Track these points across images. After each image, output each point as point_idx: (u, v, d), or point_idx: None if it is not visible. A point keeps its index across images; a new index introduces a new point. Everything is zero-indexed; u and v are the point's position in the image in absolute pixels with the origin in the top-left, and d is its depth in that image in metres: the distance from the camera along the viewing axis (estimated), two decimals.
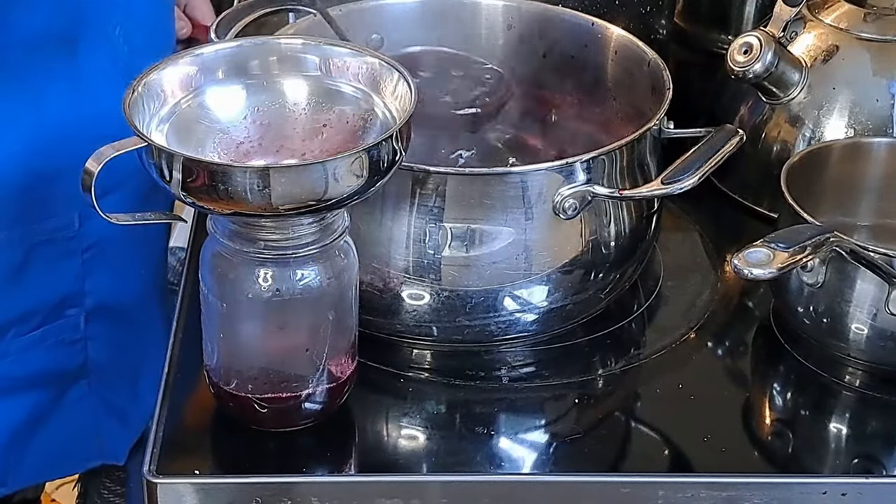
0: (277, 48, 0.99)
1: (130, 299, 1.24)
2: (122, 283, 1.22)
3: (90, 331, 1.21)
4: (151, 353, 1.25)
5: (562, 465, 1.00)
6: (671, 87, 1.09)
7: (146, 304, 1.27)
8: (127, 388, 1.26)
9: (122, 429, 1.27)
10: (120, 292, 1.22)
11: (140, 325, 1.26)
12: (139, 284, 1.25)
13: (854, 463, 1.01)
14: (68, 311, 1.19)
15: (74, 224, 1.16)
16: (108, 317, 1.22)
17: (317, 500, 0.94)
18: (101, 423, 1.25)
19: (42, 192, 1.12)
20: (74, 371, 1.21)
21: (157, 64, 0.95)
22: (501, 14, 1.23)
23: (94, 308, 1.20)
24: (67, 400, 1.22)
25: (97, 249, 1.18)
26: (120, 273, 1.21)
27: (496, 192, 1.01)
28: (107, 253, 1.19)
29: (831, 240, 0.99)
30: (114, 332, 1.23)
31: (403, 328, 1.06)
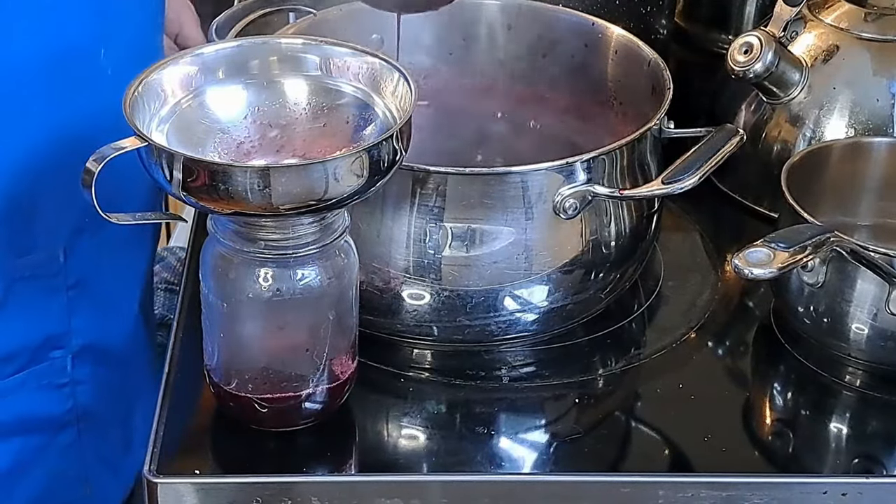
0: (278, 48, 0.99)
1: (119, 340, 1.17)
2: (110, 323, 1.15)
3: (77, 374, 1.14)
4: (143, 399, 1.19)
5: (562, 464, 1.00)
6: (671, 86, 1.09)
7: (136, 344, 1.20)
8: (118, 435, 1.20)
9: (112, 479, 1.20)
10: (108, 332, 1.15)
11: (130, 368, 1.19)
12: (128, 323, 1.18)
13: (854, 463, 1.01)
14: (53, 353, 1.12)
15: (59, 259, 1.09)
16: (96, 359, 1.14)
17: (317, 499, 0.94)
18: (90, 472, 1.18)
19: (23, 225, 1.06)
20: (62, 416, 1.14)
21: (158, 64, 0.95)
22: (501, 14, 1.23)
23: (81, 349, 1.13)
24: (55, 447, 1.15)
25: (83, 286, 1.11)
26: (107, 311, 1.14)
27: (496, 191, 1.01)
28: (93, 290, 1.12)
29: (832, 240, 0.99)
30: (103, 375, 1.16)
31: (404, 328, 1.06)
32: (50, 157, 1.04)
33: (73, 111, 1.04)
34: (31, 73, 1.02)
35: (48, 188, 1.04)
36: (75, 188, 1.02)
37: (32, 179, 1.04)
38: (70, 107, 1.04)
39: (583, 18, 1.20)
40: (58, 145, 1.04)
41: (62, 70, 1.03)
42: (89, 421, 1.16)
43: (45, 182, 1.04)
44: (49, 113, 1.04)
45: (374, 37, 1.18)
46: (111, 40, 1.05)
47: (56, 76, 1.02)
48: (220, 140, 0.96)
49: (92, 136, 1.01)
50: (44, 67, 1.02)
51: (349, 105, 0.97)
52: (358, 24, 1.18)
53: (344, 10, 1.18)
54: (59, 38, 1.02)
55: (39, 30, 1.01)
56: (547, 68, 1.22)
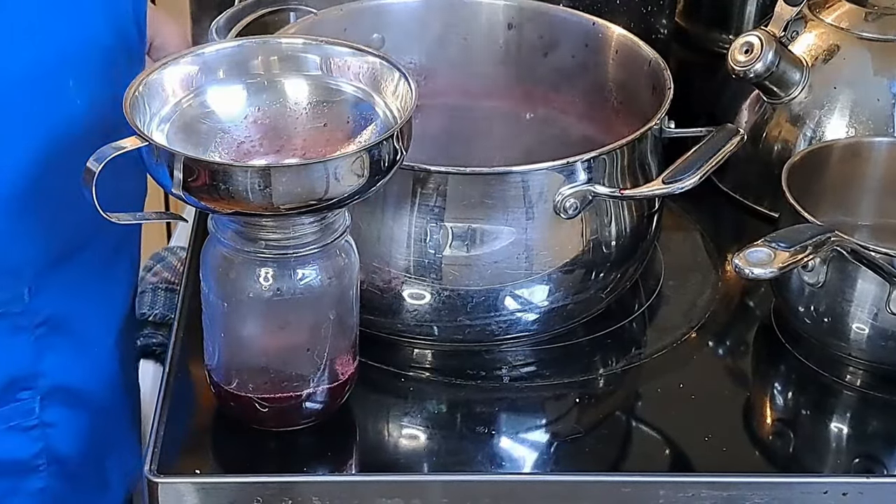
0: (278, 48, 0.99)
1: (92, 381, 1.12)
2: (81, 363, 1.11)
3: (47, 416, 1.09)
4: (120, 443, 1.18)
5: (562, 464, 1.00)
6: (672, 86, 1.09)
7: (111, 386, 1.15)
8: (91, 480, 1.15)
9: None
10: (80, 373, 1.11)
11: (104, 410, 1.15)
12: (102, 364, 1.14)
13: (855, 462, 1.01)
14: (21, 394, 1.07)
15: (24, 297, 1.04)
16: (67, 401, 1.10)
17: (318, 499, 0.94)
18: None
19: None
20: (31, 460, 1.10)
21: (158, 63, 0.95)
22: (502, 14, 1.23)
23: (50, 390, 1.08)
24: (23, 492, 1.10)
25: (51, 325, 1.07)
26: (79, 352, 1.10)
27: (497, 191, 1.01)
28: (63, 329, 1.08)
29: (832, 239, 0.99)
30: (75, 418, 1.11)
31: (404, 328, 1.06)
32: (12, 195, 1.01)
33: (39, 151, 1.01)
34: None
35: (11, 226, 1.01)
36: (39, 226, 1.01)
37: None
38: (36, 145, 1.01)
39: (583, 18, 1.20)
40: (20, 184, 1.01)
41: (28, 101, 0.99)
42: (61, 465, 1.12)
43: (7, 221, 1.01)
44: (10, 153, 1.00)
45: (375, 36, 1.18)
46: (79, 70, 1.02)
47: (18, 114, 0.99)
48: (221, 140, 0.96)
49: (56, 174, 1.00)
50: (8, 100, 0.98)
51: (350, 105, 0.97)
52: (358, 23, 1.18)
53: (344, 10, 1.18)
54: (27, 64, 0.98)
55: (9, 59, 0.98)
56: (547, 68, 1.22)
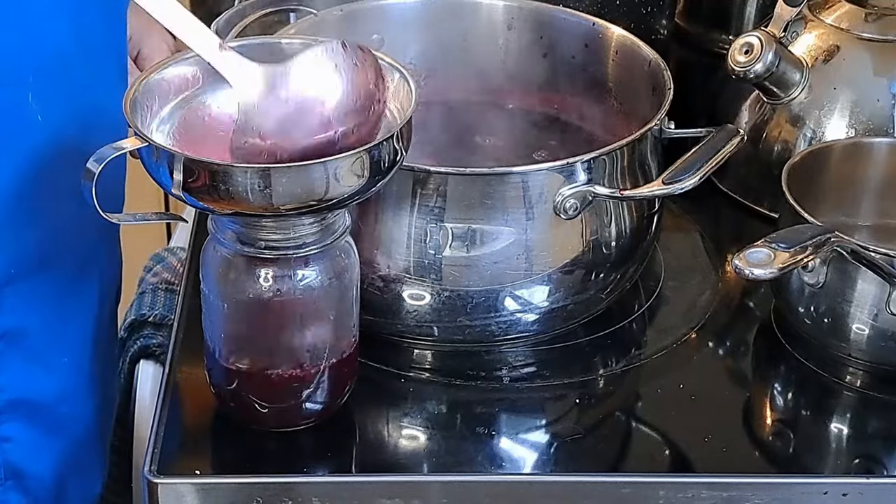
0: (279, 48, 0.99)
1: (55, 398, 1.09)
2: (43, 380, 1.08)
3: (6, 431, 1.07)
4: (80, 458, 1.15)
5: (562, 465, 1.00)
6: (672, 87, 1.09)
7: (75, 403, 1.12)
8: (51, 497, 1.12)
9: None
10: (41, 389, 1.08)
11: (65, 425, 1.12)
12: (64, 381, 1.10)
13: (855, 463, 1.01)
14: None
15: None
16: (26, 416, 1.08)
17: (317, 500, 0.94)
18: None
19: None
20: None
21: (158, 64, 0.95)
22: (501, 14, 1.23)
23: (8, 405, 1.06)
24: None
25: (10, 340, 1.05)
26: (41, 368, 1.07)
27: (497, 192, 1.01)
28: (22, 344, 1.05)
29: (832, 240, 0.99)
30: (34, 433, 1.09)
31: (404, 328, 1.06)
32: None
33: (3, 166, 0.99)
34: None
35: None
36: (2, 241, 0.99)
37: None
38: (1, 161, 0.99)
39: (583, 18, 1.20)
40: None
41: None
42: (18, 480, 1.09)
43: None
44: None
45: (375, 37, 1.18)
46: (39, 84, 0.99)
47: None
48: (221, 140, 0.96)
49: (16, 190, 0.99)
50: None
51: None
52: (358, 24, 1.18)
53: (344, 11, 1.18)
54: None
55: None
56: (547, 68, 1.22)
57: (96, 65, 1.05)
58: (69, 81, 1.02)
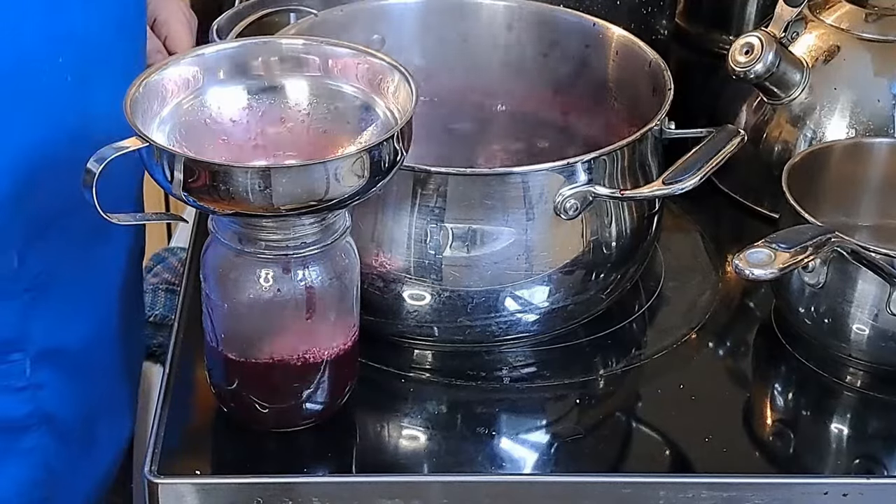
0: (279, 48, 0.99)
1: (84, 343, 1.14)
2: (72, 327, 1.12)
3: (38, 378, 1.11)
4: (109, 403, 1.19)
5: (563, 465, 1.00)
6: (672, 87, 1.09)
7: (104, 348, 1.17)
8: (82, 439, 1.17)
9: (76, 481, 1.18)
10: (69, 336, 1.12)
11: (97, 371, 1.16)
12: (91, 328, 1.15)
13: (855, 463, 1.01)
14: (12, 356, 1.09)
15: (13, 263, 1.06)
16: (58, 362, 1.12)
17: (318, 500, 0.94)
18: (53, 475, 1.15)
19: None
20: (23, 420, 1.12)
21: (159, 64, 0.95)
22: (502, 14, 1.23)
23: (40, 353, 1.11)
24: (16, 450, 1.13)
25: (40, 290, 1.08)
26: (69, 315, 1.12)
27: (497, 192, 1.01)
28: (51, 294, 1.09)
29: (832, 240, 0.99)
30: (65, 378, 1.13)
31: (405, 328, 1.06)
32: (0, 164, 1.02)
33: (27, 120, 1.02)
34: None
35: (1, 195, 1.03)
36: (27, 194, 1.02)
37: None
38: (25, 115, 1.02)
39: (583, 19, 1.20)
40: (9, 153, 1.02)
41: (15, 78, 1.00)
42: (52, 424, 1.13)
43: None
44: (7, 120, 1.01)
45: (375, 37, 1.18)
46: (69, 47, 1.03)
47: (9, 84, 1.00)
48: (221, 140, 0.96)
49: (45, 144, 1.02)
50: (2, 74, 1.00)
51: (350, 105, 0.97)
52: (359, 24, 1.18)
53: (345, 11, 1.18)
54: (11, 47, 1.00)
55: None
56: (547, 69, 1.22)
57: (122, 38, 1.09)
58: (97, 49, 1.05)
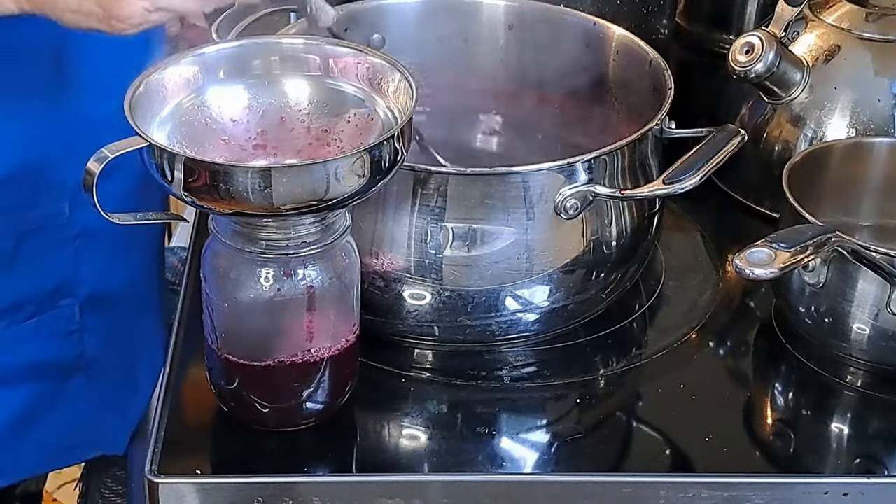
0: (279, 48, 0.99)
1: (125, 289, 1.22)
2: (115, 272, 1.21)
3: (85, 322, 1.20)
4: (148, 344, 1.27)
5: (563, 464, 1.00)
6: (672, 86, 1.09)
7: (142, 293, 1.26)
8: (125, 379, 1.26)
9: (120, 420, 1.26)
10: (114, 281, 1.21)
11: (136, 315, 1.25)
12: (134, 273, 1.24)
13: (855, 463, 1.01)
14: (62, 301, 1.18)
15: (65, 212, 1.15)
16: (103, 307, 1.20)
17: (318, 499, 0.94)
18: (99, 415, 1.24)
19: (31, 181, 1.12)
20: (71, 363, 1.21)
21: (159, 64, 0.95)
22: (502, 14, 1.23)
23: (88, 298, 1.19)
24: (65, 392, 1.21)
25: (88, 237, 1.17)
26: (113, 261, 1.20)
27: (498, 192, 1.01)
28: (99, 241, 1.17)
29: (833, 240, 0.99)
30: (109, 322, 1.22)
31: (405, 328, 1.06)
32: (55, 119, 1.10)
33: (74, 81, 1.10)
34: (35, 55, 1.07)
35: (54, 147, 1.10)
36: (77, 147, 1.03)
37: (39, 140, 1.10)
38: (71, 77, 1.10)
39: (584, 19, 1.20)
40: (61, 113, 1.10)
41: (64, 50, 1.07)
42: (97, 367, 1.21)
43: (51, 142, 1.10)
44: (52, 89, 1.10)
45: (376, 37, 1.18)
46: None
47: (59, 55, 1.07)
48: (221, 140, 0.96)
49: (90, 101, 1.09)
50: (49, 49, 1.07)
51: (350, 105, 0.97)
52: (359, 24, 1.18)
53: (345, 11, 1.18)
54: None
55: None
56: (548, 68, 1.22)
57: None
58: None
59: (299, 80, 0.98)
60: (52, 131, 1.11)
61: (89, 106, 1.10)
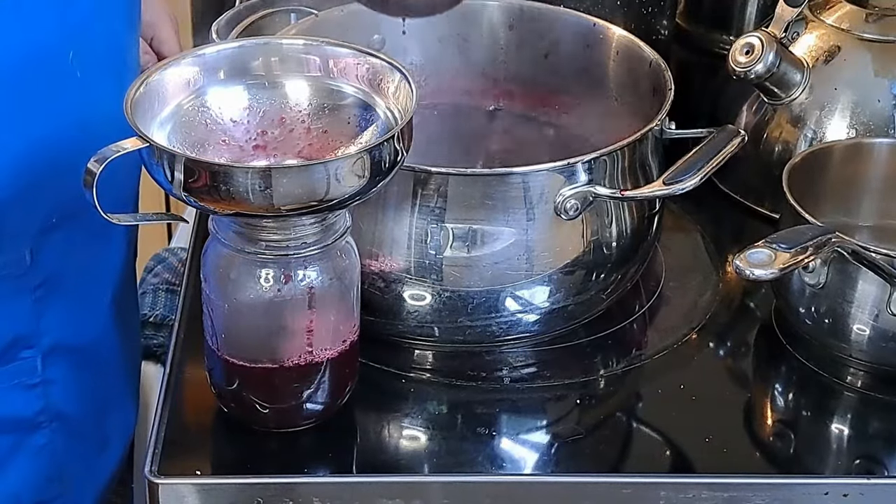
0: (279, 49, 0.99)
1: (91, 339, 1.15)
2: (81, 323, 1.14)
3: (49, 374, 1.12)
4: (119, 399, 1.21)
5: (563, 465, 1.00)
6: (673, 87, 1.09)
7: (111, 345, 1.18)
8: (92, 435, 1.18)
9: (88, 477, 1.19)
10: (80, 332, 1.14)
11: (104, 367, 1.18)
12: (101, 324, 1.16)
13: (856, 463, 1.01)
14: (23, 353, 1.10)
15: (25, 260, 1.07)
16: (67, 358, 1.13)
17: (318, 500, 0.94)
18: (64, 472, 1.16)
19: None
20: (34, 417, 1.12)
21: (159, 64, 0.95)
22: (502, 14, 1.23)
23: (51, 349, 1.11)
24: (28, 448, 1.13)
25: (50, 286, 1.09)
26: (78, 311, 1.13)
27: (498, 192, 1.01)
28: (61, 290, 1.10)
29: (833, 240, 0.99)
30: (75, 375, 1.14)
31: (405, 329, 1.06)
32: (15, 159, 1.03)
33: (39, 115, 1.03)
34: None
35: (14, 190, 1.03)
36: (41, 190, 1.03)
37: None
38: (36, 111, 1.03)
39: (584, 19, 1.20)
40: (24, 147, 1.03)
41: (27, 73, 1.01)
42: (62, 421, 1.14)
43: (11, 185, 1.03)
44: (13, 117, 1.02)
45: (376, 37, 1.18)
46: (79, 42, 1.04)
47: (21, 79, 1.01)
48: (222, 141, 0.96)
49: (57, 140, 1.03)
50: (7, 71, 1.00)
51: (350, 106, 0.97)
52: (359, 24, 1.18)
53: (345, 11, 1.18)
54: (23, 41, 1.00)
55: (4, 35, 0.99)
56: (548, 69, 1.22)
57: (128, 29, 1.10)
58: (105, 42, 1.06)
59: (299, 81, 0.98)
60: (11, 172, 1.03)
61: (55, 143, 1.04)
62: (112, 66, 1.07)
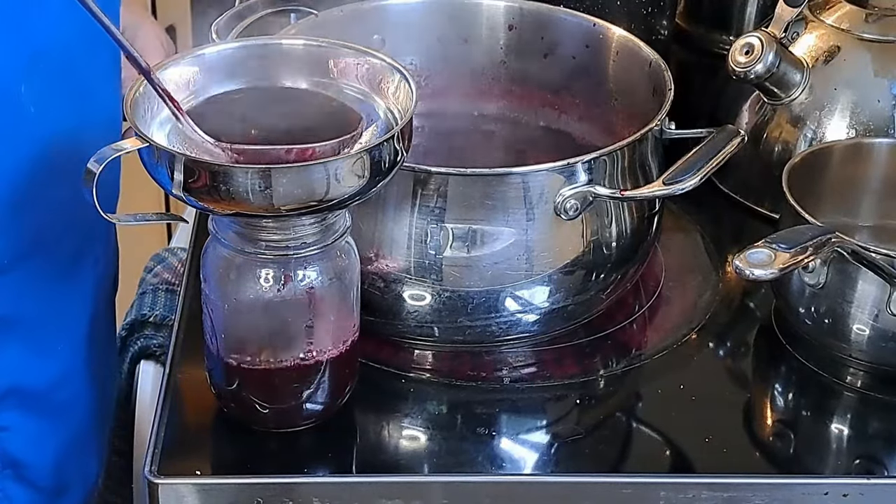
0: (279, 48, 0.99)
1: (49, 384, 1.10)
2: (37, 367, 1.08)
3: (4, 420, 1.08)
4: (80, 446, 1.16)
5: (563, 465, 1.00)
6: (672, 87, 1.09)
7: (72, 388, 1.13)
8: (50, 484, 1.13)
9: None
10: (36, 376, 1.08)
11: (65, 413, 1.12)
12: (60, 367, 1.11)
13: (856, 463, 1.01)
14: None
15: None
16: (23, 403, 1.08)
17: (318, 500, 0.95)
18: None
19: None
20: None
21: (159, 64, 0.95)
22: (502, 14, 1.23)
23: (6, 393, 1.07)
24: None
25: (6, 327, 1.05)
26: (35, 355, 1.08)
27: (497, 192, 1.01)
28: (17, 332, 1.06)
29: (833, 240, 0.99)
30: (31, 421, 1.09)
31: (405, 329, 1.06)
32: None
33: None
34: None
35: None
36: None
37: None
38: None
39: (584, 19, 1.20)
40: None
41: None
42: (16, 469, 1.10)
43: None
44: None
45: (376, 37, 1.18)
46: (32, 76, 0.99)
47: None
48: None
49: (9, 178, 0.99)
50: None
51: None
52: (359, 25, 1.18)
53: (345, 11, 1.18)
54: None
55: None
56: (548, 69, 1.22)
57: (89, 54, 1.05)
58: (62, 72, 1.02)
59: (299, 81, 0.98)
60: None
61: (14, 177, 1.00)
62: (72, 98, 1.02)
